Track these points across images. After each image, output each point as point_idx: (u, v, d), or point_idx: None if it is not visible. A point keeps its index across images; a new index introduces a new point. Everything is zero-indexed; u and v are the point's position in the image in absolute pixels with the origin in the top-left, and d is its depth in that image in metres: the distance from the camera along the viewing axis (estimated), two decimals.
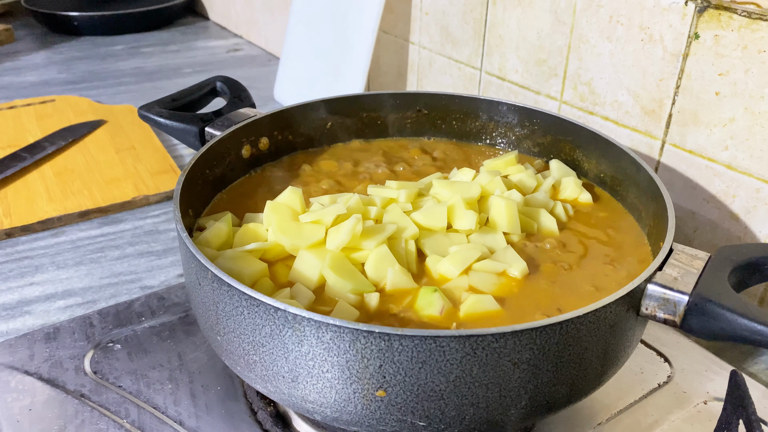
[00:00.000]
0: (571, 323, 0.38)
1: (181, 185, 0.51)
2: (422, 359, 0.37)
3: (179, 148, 0.98)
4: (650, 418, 0.52)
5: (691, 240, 0.66)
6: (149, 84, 1.24)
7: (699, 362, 0.58)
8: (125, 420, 0.51)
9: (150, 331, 0.61)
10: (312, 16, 1.06)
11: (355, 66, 0.96)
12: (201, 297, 0.44)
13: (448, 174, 0.62)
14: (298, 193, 0.54)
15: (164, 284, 0.69)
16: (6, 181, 0.85)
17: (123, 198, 0.82)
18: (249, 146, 0.63)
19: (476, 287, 0.48)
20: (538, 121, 0.66)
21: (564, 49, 0.74)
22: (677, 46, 0.62)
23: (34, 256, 0.73)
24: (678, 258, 0.44)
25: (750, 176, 0.60)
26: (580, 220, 0.57)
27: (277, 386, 0.41)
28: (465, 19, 0.86)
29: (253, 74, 1.30)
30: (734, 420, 0.42)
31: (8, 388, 0.54)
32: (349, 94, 0.69)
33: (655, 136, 0.67)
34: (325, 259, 0.47)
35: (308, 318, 0.37)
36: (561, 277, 0.49)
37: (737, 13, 0.57)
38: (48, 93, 1.18)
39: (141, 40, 1.49)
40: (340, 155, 0.68)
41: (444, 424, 0.39)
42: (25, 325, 0.63)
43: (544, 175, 0.64)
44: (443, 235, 0.52)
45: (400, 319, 0.45)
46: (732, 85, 0.59)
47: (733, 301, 0.40)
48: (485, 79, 0.86)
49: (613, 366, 0.44)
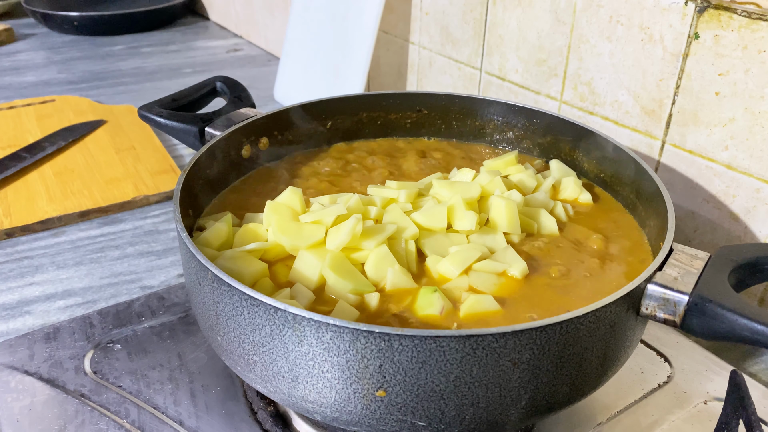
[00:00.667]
0: (571, 323, 0.38)
1: (181, 185, 0.51)
2: (422, 359, 0.37)
3: (179, 148, 0.98)
4: (650, 418, 0.52)
5: (691, 240, 0.66)
6: (149, 84, 1.24)
7: (699, 362, 0.58)
8: (125, 420, 0.51)
9: (150, 331, 0.61)
10: (312, 16, 1.06)
11: (355, 66, 0.96)
12: (201, 297, 0.44)
13: (448, 174, 0.62)
14: (298, 193, 0.54)
15: (164, 284, 0.69)
16: (6, 181, 0.85)
17: (123, 198, 0.82)
18: (249, 146, 0.63)
19: (476, 287, 0.48)
20: (538, 121, 0.66)
21: (564, 49, 0.74)
22: (677, 46, 0.62)
23: (34, 256, 0.73)
24: (678, 258, 0.44)
25: (750, 176, 0.60)
26: (580, 220, 0.57)
27: (277, 386, 0.41)
28: (465, 19, 0.86)
29: (253, 74, 1.30)
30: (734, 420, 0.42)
31: (8, 388, 0.54)
32: (349, 94, 0.69)
33: (655, 136, 0.67)
34: (325, 259, 0.47)
35: (308, 318, 0.37)
36: (561, 278, 0.49)
37: (737, 13, 0.57)
38: (48, 93, 1.18)
39: (141, 40, 1.49)
40: (340, 155, 0.68)
41: (444, 424, 0.39)
42: (25, 325, 0.63)
43: (544, 175, 0.64)
44: (443, 235, 0.52)
45: (400, 319, 0.45)
46: (732, 85, 0.59)
47: (733, 301, 0.40)
48: (485, 79, 0.86)
49: (613, 366, 0.44)
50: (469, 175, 0.59)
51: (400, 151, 0.69)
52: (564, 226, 0.56)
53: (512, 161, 0.63)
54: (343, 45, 0.98)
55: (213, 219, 0.55)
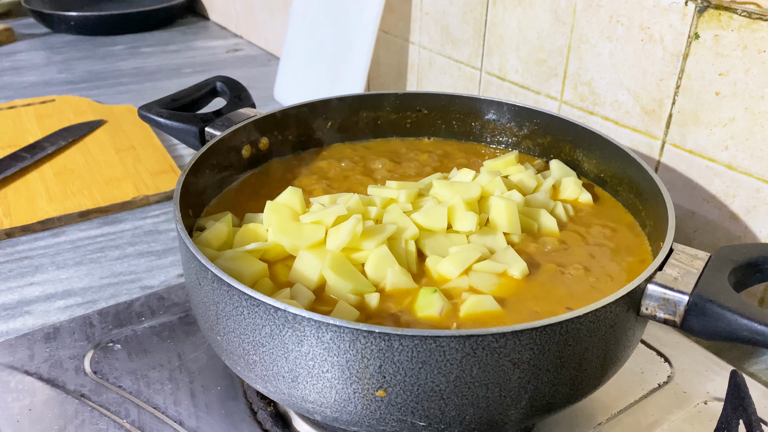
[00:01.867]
0: (571, 323, 0.38)
1: (181, 185, 0.51)
2: (422, 359, 0.37)
3: (179, 148, 0.98)
4: (650, 418, 0.52)
5: (691, 240, 0.66)
6: (149, 84, 1.24)
7: (699, 362, 0.58)
8: (125, 420, 0.51)
9: (150, 331, 0.61)
10: (312, 16, 1.06)
11: (355, 66, 0.96)
12: (201, 297, 0.44)
13: (448, 174, 0.62)
14: (298, 193, 0.54)
15: (164, 284, 0.69)
16: (6, 181, 0.85)
17: (123, 198, 0.82)
18: (249, 146, 0.63)
19: (476, 288, 0.48)
20: (538, 121, 0.66)
21: (564, 49, 0.74)
22: (677, 46, 0.62)
23: (34, 256, 0.73)
24: (678, 258, 0.44)
25: (750, 176, 0.60)
26: (581, 220, 0.57)
27: (277, 386, 0.41)
28: (465, 19, 0.86)
29: (253, 74, 1.30)
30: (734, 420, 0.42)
31: (8, 388, 0.54)
32: (349, 94, 0.69)
33: (655, 136, 0.67)
34: (326, 260, 0.47)
35: (308, 318, 0.37)
36: (561, 278, 0.49)
37: (737, 13, 0.57)
38: (48, 93, 1.18)
39: (141, 40, 1.49)
40: (340, 155, 0.68)
41: (444, 424, 0.39)
42: (25, 325, 0.63)
43: (545, 175, 0.64)
44: (443, 235, 0.52)
45: (400, 319, 0.45)
46: (732, 85, 0.59)
47: (733, 301, 0.40)
48: (485, 79, 0.86)
49: (613, 366, 0.44)
50: (469, 175, 0.59)
51: (400, 151, 0.69)
52: (564, 226, 0.56)
53: (512, 161, 0.63)
54: (343, 45, 0.98)
55: (213, 219, 0.55)
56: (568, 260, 0.51)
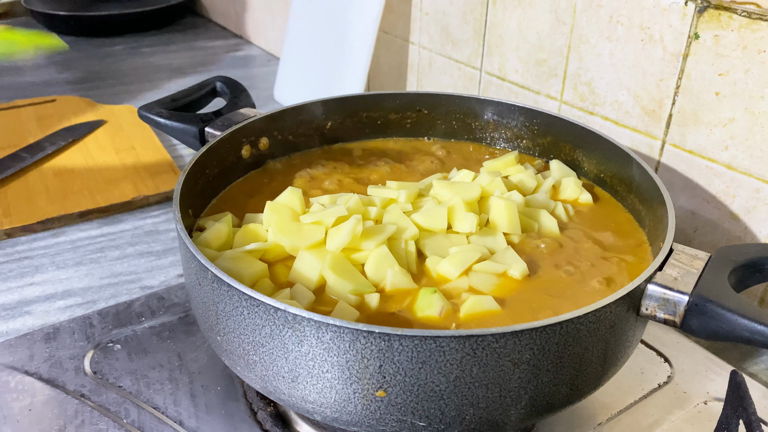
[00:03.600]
0: (571, 323, 0.38)
1: (181, 185, 0.51)
2: (422, 359, 0.37)
3: (179, 148, 0.98)
4: (650, 418, 0.52)
5: (691, 240, 0.66)
6: (149, 84, 1.24)
7: (699, 362, 0.58)
8: (125, 420, 0.51)
9: (150, 331, 0.61)
10: (312, 16, 1.06)
11: (355, 66, 0.96)
12: (201, 297, 0.44)
13: (448, 174, 0.62)
14: (297, 194, 0.54)
15: (164, 284, 0.69)
16: (6, 181, 0.85)
17: (123, 198, 0.82)
18: (249, 146, 0.63)
19: (476, 288, 0.48)
20: (538, 121, 0.66)
21: (564, 49, 0.74)
22: (677, 46, 0.62)
23: (34, 256, 0.73)
24: (678, 258, 0.44)
25: (750, 176, 0.60)
26: (581, 220, 0.57)
27: (277, 386, 0.41)
28: (465, 19, 0.86)
29: (253, 74, 1.30)
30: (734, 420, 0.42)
31: (8, 388, 0.54)
32: (349, 94, 0.69)
33: (655, 136, 0.67)
34: (325, 260, 0.47)
35: (308, 318, 0.37)
36: (561, 278, 0.49)
37: (737, 13, 0.57)
38: (48, 93, 1.18)
39: (141, 40, 1.49)
40: (339, 155, 0.68)
41: (444, 424, 0.39)
42: (25, 325, 0.63)
43: (545, 175, 0.64)
44: (443, 235, 0.52)
45: (400, 319, 0.45)
46: (732, 85, 0.59)
47: (733, 301, 0.40)
48: (485, 79, 0.86)
49: (613, 366, 0.44)
50: (469, 175, 0.59)
51: (401, 152, 0.69)
52: (564, 226, 0.56)
53: (512, 161, 0.63)
54: (343, 45, 0.98)
55: (213, 219, 0.55)
56: (568, 260, 0.51)
